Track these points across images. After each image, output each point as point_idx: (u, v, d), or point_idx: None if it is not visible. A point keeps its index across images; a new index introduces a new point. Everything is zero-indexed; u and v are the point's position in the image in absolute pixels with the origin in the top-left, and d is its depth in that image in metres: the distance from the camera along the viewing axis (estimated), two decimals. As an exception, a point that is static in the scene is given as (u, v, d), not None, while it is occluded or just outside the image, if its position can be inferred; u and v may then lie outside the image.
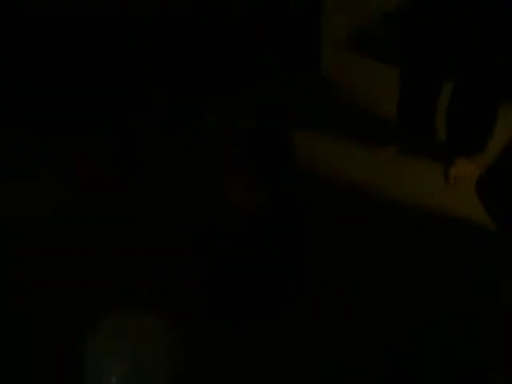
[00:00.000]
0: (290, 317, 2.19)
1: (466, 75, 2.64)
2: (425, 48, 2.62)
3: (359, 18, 3.64)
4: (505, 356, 2.14)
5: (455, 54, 2.64)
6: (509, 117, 2.82)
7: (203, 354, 1.96)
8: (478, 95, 2.63)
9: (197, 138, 2.88)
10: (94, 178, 2.78)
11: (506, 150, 2.20)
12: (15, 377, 2.05)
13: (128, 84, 2.79)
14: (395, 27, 3.31)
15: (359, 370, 2.10)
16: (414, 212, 2.65)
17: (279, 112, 2.91)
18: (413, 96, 2.82)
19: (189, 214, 2.49)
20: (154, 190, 2.73)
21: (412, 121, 2.89)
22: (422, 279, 2.38)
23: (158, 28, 2.69)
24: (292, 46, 2.99)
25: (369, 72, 3.43)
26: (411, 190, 2.76)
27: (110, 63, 2.74)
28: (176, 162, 2.84)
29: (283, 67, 2.98)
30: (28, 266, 2.41)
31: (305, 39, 3.02)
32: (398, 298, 2.31)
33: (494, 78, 2.56)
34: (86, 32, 2.67)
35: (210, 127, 2.84)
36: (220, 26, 2.75)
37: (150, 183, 2.76)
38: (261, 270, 1.94)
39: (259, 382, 2.04)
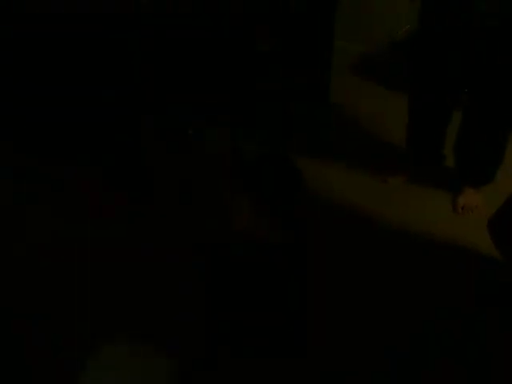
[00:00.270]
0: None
1: (475, 106, 2.63)
2: (433, 77, 2.62)
3: (365, 44, 3.66)
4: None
5: (464, 84, 2.65)
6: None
7: None
8: (488, 126, 2.62)
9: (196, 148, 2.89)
10: (101, 203, 2.78)
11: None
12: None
13: (133, 105, 2.79)
14: (401, 54, 3.33)
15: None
16: (421, 241, 2.64)
17: (285, 138, 2.93)
18: (421, 125, 2.82)
19: (194, 238, 2.48)
20: (161, 215, 2.73)
21: (420, 149, 2.89)
22: (428, 310, 2.37)
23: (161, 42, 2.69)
24: (302, 72, 2.99)
25: (376, 99, 3.44)
26: (419, 218, 2.75)
27: (116, 84, 2.75)
28: (183, 186, 2.85)
29: (292, 93, 2.98)
30: (29, 291, 2.42)
31: (315, 67, 3.03)
32: (403, 325, 2.30)
33: (504, 109, 2.55)
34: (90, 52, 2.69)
35: (210, 140, 2.84)
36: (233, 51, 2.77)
37: (157, 208, 2.76)
38: (262, 302, 1.92)
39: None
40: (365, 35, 3.58)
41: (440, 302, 2.39)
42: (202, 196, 2.79)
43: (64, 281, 2.46)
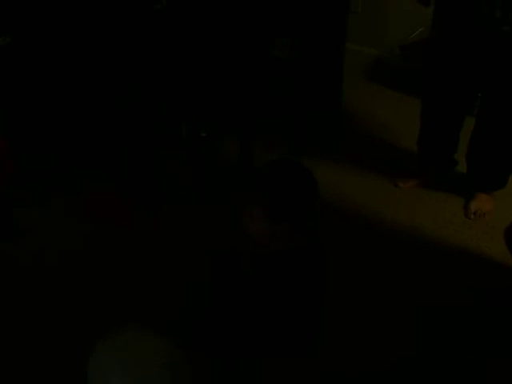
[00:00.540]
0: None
1: (489, 111, 2.62)
2: (447, 81, 2.61)
3: (378, 47, 3.65)
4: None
5: (478, 88, 2.64)
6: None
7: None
8: (501, 131, 2.61)
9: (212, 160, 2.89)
10: (109, 205, 2.80)
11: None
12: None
13: (146, 111, 2.80)
14: (414, 57, 3.32)
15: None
16: (433, 246, 2.64)
17: (299, 143, 2.93)
18: (434, 129, 2.81)
19: (206, 246, 2.49)
20: (172, 221, 2.74)
21: (432, 154, 2.88)
22: (440, 315, 2.36)
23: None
24: (315, 78, 2.99)
25: (388, 102, 3.44)
26: (430, 223, 2.74)
27: (130, 90, 2.76)
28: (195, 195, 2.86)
29: (305, 98, 2.98)
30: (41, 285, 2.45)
31: (327, 71, 3.02)
32: (412, 328, 2.31)
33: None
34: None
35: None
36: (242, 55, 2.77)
37: (168, 213, 2.77)
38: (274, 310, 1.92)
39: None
40: (377, 39, 3.57)
41: (451, 308, 2.38)
42: (214, 203, 2.80)
43: (74, 277, 2.49)
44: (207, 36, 2.63)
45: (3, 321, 2.32)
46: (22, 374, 2.16)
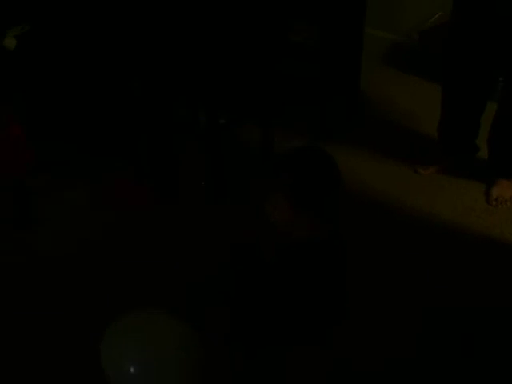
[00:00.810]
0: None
1: (510, 97, 2.59)
2: (468, 66, 2.58)
3: (396, 32, 3.61)
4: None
5: (500, 72, 2.61)
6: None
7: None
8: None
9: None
10: (130, 193, 2.79)
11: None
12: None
13: (165, 99, 2.78)
14: (433, 42, 3.28)
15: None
16: (454, 232, 2.62)
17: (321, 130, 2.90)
18: (455, 114, 2.78)
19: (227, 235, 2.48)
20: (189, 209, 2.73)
21: (453, 139, 2.85)
22: (461, 299, 2.35)
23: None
24: (334, 64, 2.96)
25: (407, 87, 3.40)
26: (452, 210, 2.72)
27: (148, 81, 2.75)
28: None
29: (324, 86, 2.95)
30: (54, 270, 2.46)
31: (346, 56, 2.99)
32: (432, 315, 2.30)
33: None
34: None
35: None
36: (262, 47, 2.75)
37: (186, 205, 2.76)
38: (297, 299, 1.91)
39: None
40: (396, 23, 3.52)
41: (471, 295, 2.37)
42: (234, 192, 2.79)
43: (92, 265, 2.50)
44: (226, 21, 2.61)
45: (21, 306, 2.34)
46: (37, 357, 2.19)
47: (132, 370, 1.59)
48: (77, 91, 2.73)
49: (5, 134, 2.43)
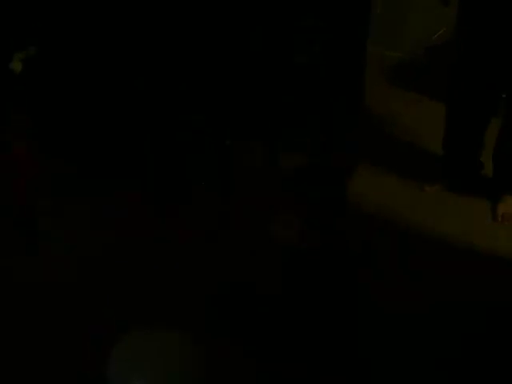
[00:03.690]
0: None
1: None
2: (472, 82, 2.59)
3: (400, 50, 3.63)
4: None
5: (503, 89, 2.62)
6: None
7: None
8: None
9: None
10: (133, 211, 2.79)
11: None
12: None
13: (172, 118, 2.80)
14: (437, 59, 3.30)
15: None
16: (460, 250, 2.61)
17: (326, 147, 2.90)
18: (459, 131, 2.79)
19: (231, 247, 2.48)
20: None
21: (458, 157, 2.86)
22: (466, 317, 2.33)
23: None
24: (337, 83, 2.98)
25: (411, 105, 3.41)
26: (458, 227, 2.72)
27: (154, 95, 2.76)
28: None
29: (329, 103, 2.97)
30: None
31: (349, 75, 3.01)
32: (439, 336, 2.27)
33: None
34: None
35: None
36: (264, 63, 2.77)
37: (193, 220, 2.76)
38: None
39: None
40: (399, 41, 3.55)
41: (478, 313, 2.35)
42: (242, 209, 2.78)
43: (95, 284, 2.48)
44: (230, 42, 2.63)
45: (24, 325, 2.33)
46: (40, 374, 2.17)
47: None
48: (83, 110, 2.75)
49: (9, 155, 2.44)
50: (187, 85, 2.65)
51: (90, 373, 2.03)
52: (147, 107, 2.71)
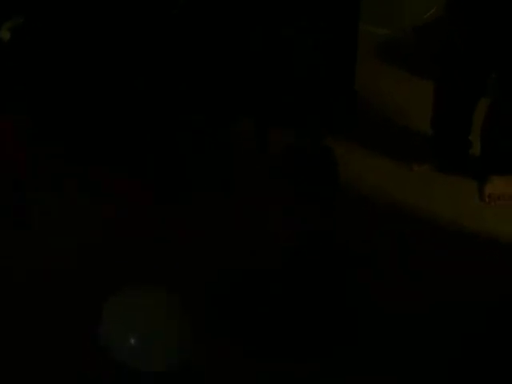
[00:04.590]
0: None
1: (503, 91, 2.61)
2: (462, 61, 2.59)
3: (390, 28, 3.61)
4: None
5: (493, 68, 2.62)
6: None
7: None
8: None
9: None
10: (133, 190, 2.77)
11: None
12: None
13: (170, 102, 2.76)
14: (427, 38, 3.28)
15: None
16: (447, 230, 2.63)
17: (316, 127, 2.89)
18: (448, 110, 2.79)
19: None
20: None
21: (447, 136, 2.86)
22: (455, 295, 2.36)
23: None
24: (327, 61, 2.96)
25: (400, 84, 3.39)
26: (445, 207, 2.73)
27: (152, 82, 2.73)
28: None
29: (318, 80, 2.95)
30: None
31: (340, 51, 2.99)
32: (432, 318, 2.29)
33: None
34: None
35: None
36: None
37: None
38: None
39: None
40: (390, 19, 3.52)
41: (465, 293, 2.37)
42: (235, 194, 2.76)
43: (87, 260, 2.49)
44: (221, 19, 2.61)
45: (21, 303, 2.33)
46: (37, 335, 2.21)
47: (133, 341, 1.68)
48: (75, 84, 2.70)
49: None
50: (186, 80, 2.64)
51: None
52: (144, 83, 2.68)
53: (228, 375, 2.01)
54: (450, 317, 2.28)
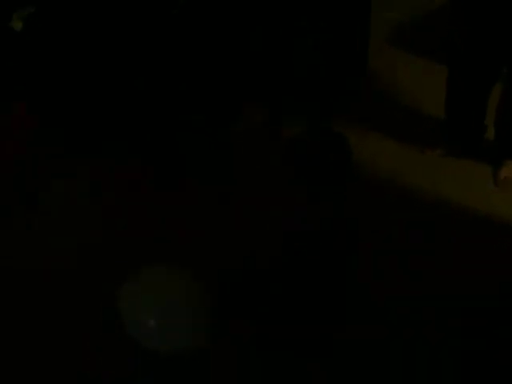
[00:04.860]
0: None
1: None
2: (475, 50, 2.56)
3: (402, 12, 3.58)
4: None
5: (506, 53, 2.59)
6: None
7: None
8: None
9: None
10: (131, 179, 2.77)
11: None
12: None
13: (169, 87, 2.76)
14: (439, 22, 3.25)
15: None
16: (462, 215, 2.62)
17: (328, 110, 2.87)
18: (461, 96, 2.77)
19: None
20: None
21: (460, 120, 2.84)
22: (467, 281, 2.35)
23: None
24: (341, 45, 2.94)
25: (413, 68, 3.37)
26: (458, 192, 2.71)
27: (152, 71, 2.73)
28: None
29: (331, 65, 2.94)
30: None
31: (353, 38, 2.97)
32: (445, 302, 2.30)
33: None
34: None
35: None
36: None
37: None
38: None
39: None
40: (402, 3, 3.50)
41: (479, 277, 2.36)
42: (244, 178, 2.76)
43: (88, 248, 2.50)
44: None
45: (24, 285, 2.36)
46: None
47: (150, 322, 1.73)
48: (82, 73, 2.71)
49: (8, 113, 2.41)
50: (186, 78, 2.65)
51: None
52: (146, 74, 2.68)
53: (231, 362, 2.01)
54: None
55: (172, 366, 1.87)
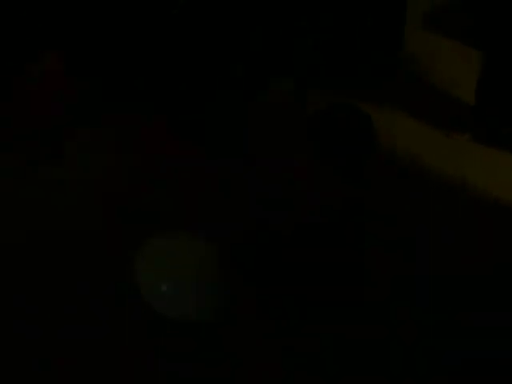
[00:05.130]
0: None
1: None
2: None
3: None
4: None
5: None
6: None
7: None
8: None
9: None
10: (158, 139, 2.79)
11: None
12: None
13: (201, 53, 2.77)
14: (474, 7, 3.21)
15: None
16: (486, 203, 2.60)
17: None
18: (494, 83, 2.74)
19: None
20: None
21: (490, 108, 2.81)
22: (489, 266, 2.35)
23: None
24: (377, 24, 2.92)
25: (446, 52, 3.34)
26: (485, 178, 2.70)
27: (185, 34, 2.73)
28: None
29: (366, 45, 2.92)
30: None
31: (390, 18, 2.94)
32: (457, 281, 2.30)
33: None
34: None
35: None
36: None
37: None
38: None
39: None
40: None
41: (499, 262, 2.36)
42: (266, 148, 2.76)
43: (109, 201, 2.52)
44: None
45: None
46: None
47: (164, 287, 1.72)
48: (113, 28, 2.73)
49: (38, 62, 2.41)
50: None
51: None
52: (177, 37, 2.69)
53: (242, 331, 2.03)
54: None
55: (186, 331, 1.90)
